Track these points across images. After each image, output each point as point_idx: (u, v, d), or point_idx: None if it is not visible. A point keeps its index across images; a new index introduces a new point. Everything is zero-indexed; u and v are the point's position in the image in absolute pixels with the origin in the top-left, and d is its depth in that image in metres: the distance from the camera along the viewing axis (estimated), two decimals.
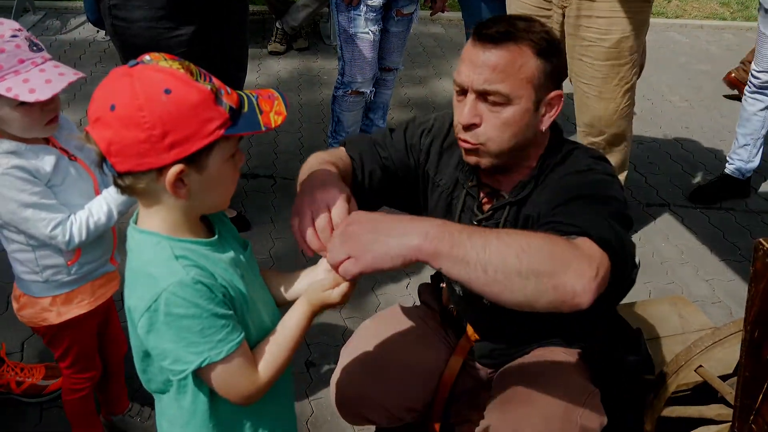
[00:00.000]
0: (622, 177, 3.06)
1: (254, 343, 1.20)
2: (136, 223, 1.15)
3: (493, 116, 1.36)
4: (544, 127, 1.41)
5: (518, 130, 1.37)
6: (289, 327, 1.21)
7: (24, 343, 2.42)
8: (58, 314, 1.71)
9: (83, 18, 5.53)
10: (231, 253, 1.18)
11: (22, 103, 1.46)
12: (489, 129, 1.37)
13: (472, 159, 1.43)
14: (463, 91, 1.38)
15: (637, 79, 2.82)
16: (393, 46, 3.41)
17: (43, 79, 1.45)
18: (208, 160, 1.05)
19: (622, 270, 1.19)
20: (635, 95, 2.85)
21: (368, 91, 3.38)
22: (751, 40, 6.10)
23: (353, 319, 2.63)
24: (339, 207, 1.22)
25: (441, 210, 1.59)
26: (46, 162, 1.56)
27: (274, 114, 1.10)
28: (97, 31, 5.23)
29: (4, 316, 2.54)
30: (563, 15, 2.66)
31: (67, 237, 1.57)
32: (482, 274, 1.08)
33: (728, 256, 3.20)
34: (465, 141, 1.40)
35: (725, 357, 1.84)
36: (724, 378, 1.82)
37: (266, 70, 4.82)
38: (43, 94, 1.44)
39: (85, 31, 5.32)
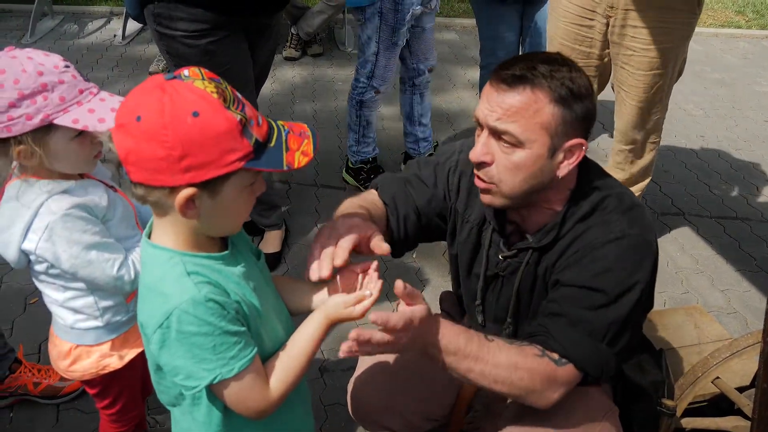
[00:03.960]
0: (644, 184, 3.06)
1: (269, 353, 1.20)
2: (149, 237, 1.14)
3: (504, 157, 1.32)
4: (561, 174, 1.35)
5: (530, 174, 1.32)
6: (302, 340, 1.20)
7: (41, 344, 2.44)
8: (119, 358, 1.63)
9: (101, 22, 5.59)
10: (244, 266, 1.17)
11: (76, 137, 1.41)
12: (500, 170, 1.33)
13: (486, 198, 1.40)
14: (480, 126, 1.36)
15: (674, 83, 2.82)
16: (430, 43, 3.44)
17: (108, 108, 1.40)
18: (223, 187, 1.04)
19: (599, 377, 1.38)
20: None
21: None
22: (767, 49, 6.08)
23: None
24: (347, 239, 1.24)
25: (470, 244, 1.57)
26: (100, 197, 1.49)
27: (301, 154, 1.08)
28: (114, 36, 5.28)
29: (21, 318, 2.56)
30: (607, 24, 2.64)
31: (132, 275, 1.49)
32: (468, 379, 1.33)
33: (744, 266, 3.18)
34: (479, 178, 1.38)
35: (742, 368, 1.83)
36: (741, 390, 1.81)
37: (281, 75, 4.84)
38: (113, 124, 1.40)
39: (102, 35, 5.36)
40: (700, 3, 2.59)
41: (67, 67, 1.40)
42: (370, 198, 1.58)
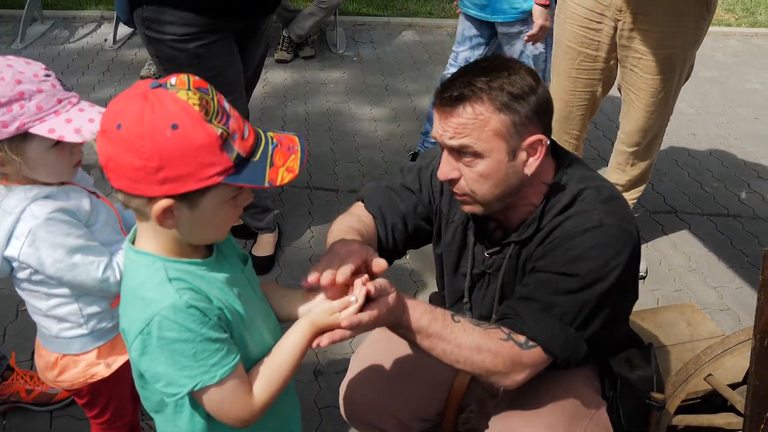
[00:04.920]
0: (642, 187, 3.06)
1: (256, 360, 1.19)
2: (133, 242, 1.14)
3: (468, 170, 1.36)
4: (529, 171, 1.38)
5: (498, 180, 1.36)
6: (287, 348, 1.19)
7: (33, 351, 2.42)
8: (106, 366, 1.61)
9: (91, 27, 5.58)
10: (228, 272, 1.17)
11: (54, 146, 1.40)
12: (469, 182, 1.38)
13: (467, 208, 1.45)
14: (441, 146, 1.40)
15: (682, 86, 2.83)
16: None
17: (86, 119, 1.39)
18: (201, 199, 1.03)
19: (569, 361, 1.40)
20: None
21: None
22: (757, 47, 6.12)
23: None
24: (348, 265, 1.24)
25: (456, 244, 1.60)
26: (83, 201, 1.49)
27: (285, 170, 1.06)
28: (105, 40, 5.27)
29: (14, 325, 2.55)
30: (615, 28, 2.63)
31: (118, 276, 1.47)
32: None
33: (736, 263, 3.19)
34: (454, 192, 1.43)
35: (735, 365, 1.84)
36: (733, 386, 1.81)
37: (272, 78, 4.84)
38: (89, 134, 1.37)
39: (92, 40, 5.35)
40: (710, 8, 2.58)
41: (47, 76, 1.39)
42: (359, 214, 1.62)
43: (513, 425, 1.51)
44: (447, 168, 1.39)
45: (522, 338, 1.37)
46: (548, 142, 1.38)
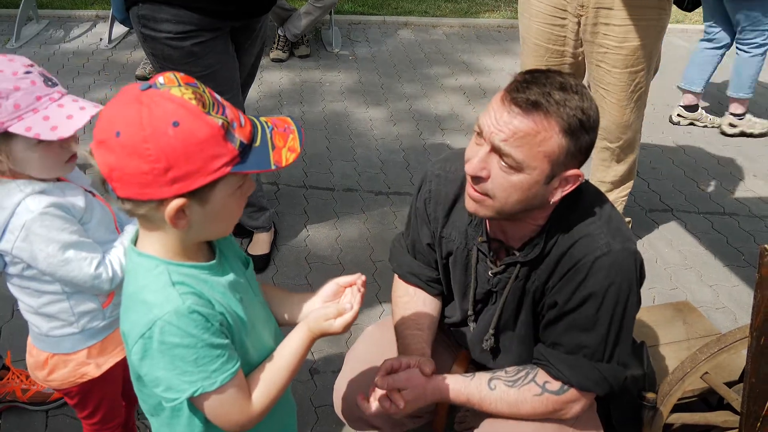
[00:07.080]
0: (630, 183, 3.07)
1: (255, 364, 1.19)
2: (135, 244, 1.12)
3: (501, 175, 1.30)
4: (553, 199, 1.35)
5: (524, 197, 1.31)
6: (286, 355, 1.19)
7: None
8: (96, 366, 1.60)
9: (86, 27, 5.56)
10: (230, 276, 1.15)
11: (41, 142, 1.37)
12: (495, 186, 1.31)
13: (472, 206, 1.38)
14: (481, 134, 1.32)
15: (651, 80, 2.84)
16: None
17: (64, 115, 1.36)
18: (211, 194, 1.02)
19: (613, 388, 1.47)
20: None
21: None
22: None
23: (357, 326, 2.62)
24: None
25: (460, 266, 1.59)
26: (77, 198, 1.47)
27: (287, 150, 1.05)
28: (100, 40, 5.25)
29: (9, 324, 2.55)
30: (578, 24, 2.64)
31: (110, 273, 1.47)
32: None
33: (732, 261, 3.20)
34: (472, 188, 1.36)
35: (731, 363, 1.84)
36: (730, 385, 1.82)
37: (268, 77, 4.83)
38: (66, 131, 1.35)
39: (88, 39, 5.33)
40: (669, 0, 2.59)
41: (27, 72, 1.36)
42: (409, 292, 1.71)
43: (501, 427, 1.51)
44: (479, 165, 1.31)
45: (557, 385, 1.43)
46: (583, 180, 1.36)
